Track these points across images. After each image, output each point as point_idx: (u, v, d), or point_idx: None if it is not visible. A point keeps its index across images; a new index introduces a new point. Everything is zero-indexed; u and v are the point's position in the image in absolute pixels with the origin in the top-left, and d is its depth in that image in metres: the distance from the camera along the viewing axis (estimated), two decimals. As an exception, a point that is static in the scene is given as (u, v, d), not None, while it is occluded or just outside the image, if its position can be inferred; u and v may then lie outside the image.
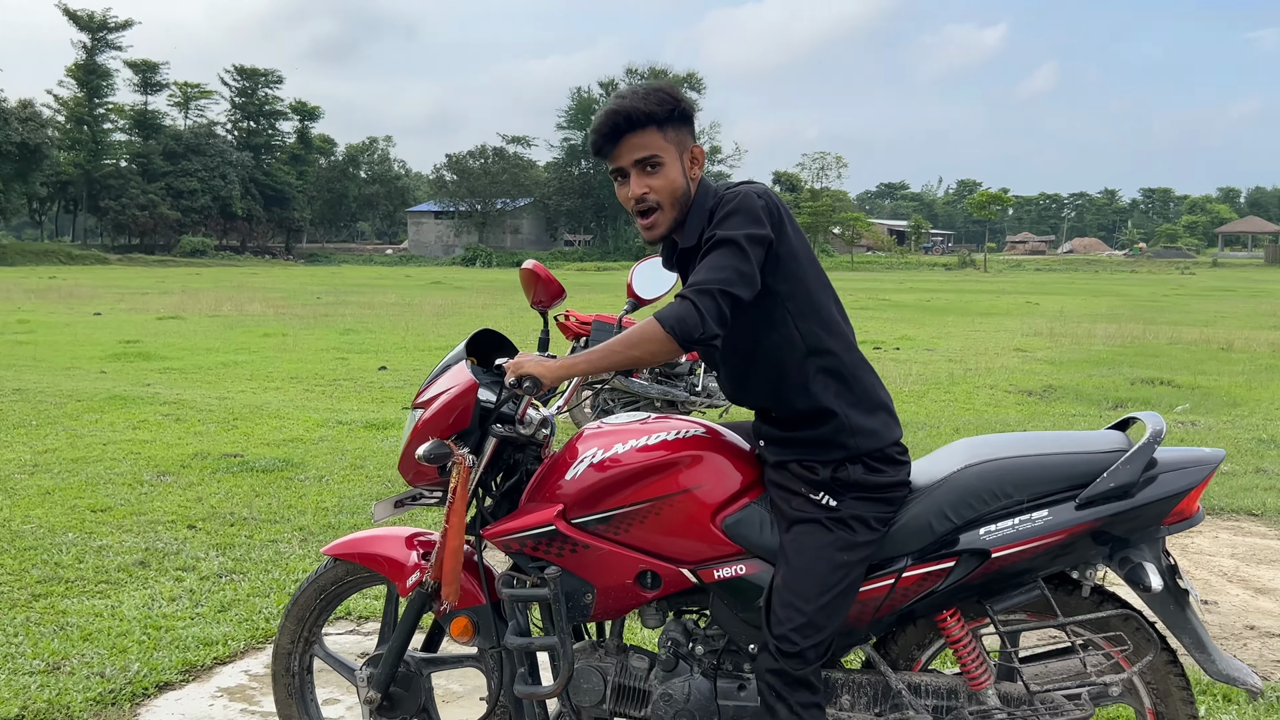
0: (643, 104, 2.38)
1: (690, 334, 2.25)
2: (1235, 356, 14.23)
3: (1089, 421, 8.93)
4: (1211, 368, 12.94)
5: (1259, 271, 63.84)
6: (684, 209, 2.47)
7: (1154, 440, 2.33)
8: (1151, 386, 11.27)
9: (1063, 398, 10.47)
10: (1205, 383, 11.51)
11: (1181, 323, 20.77)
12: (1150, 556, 2.35)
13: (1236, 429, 8.61)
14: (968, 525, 2.36)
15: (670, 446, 2.50)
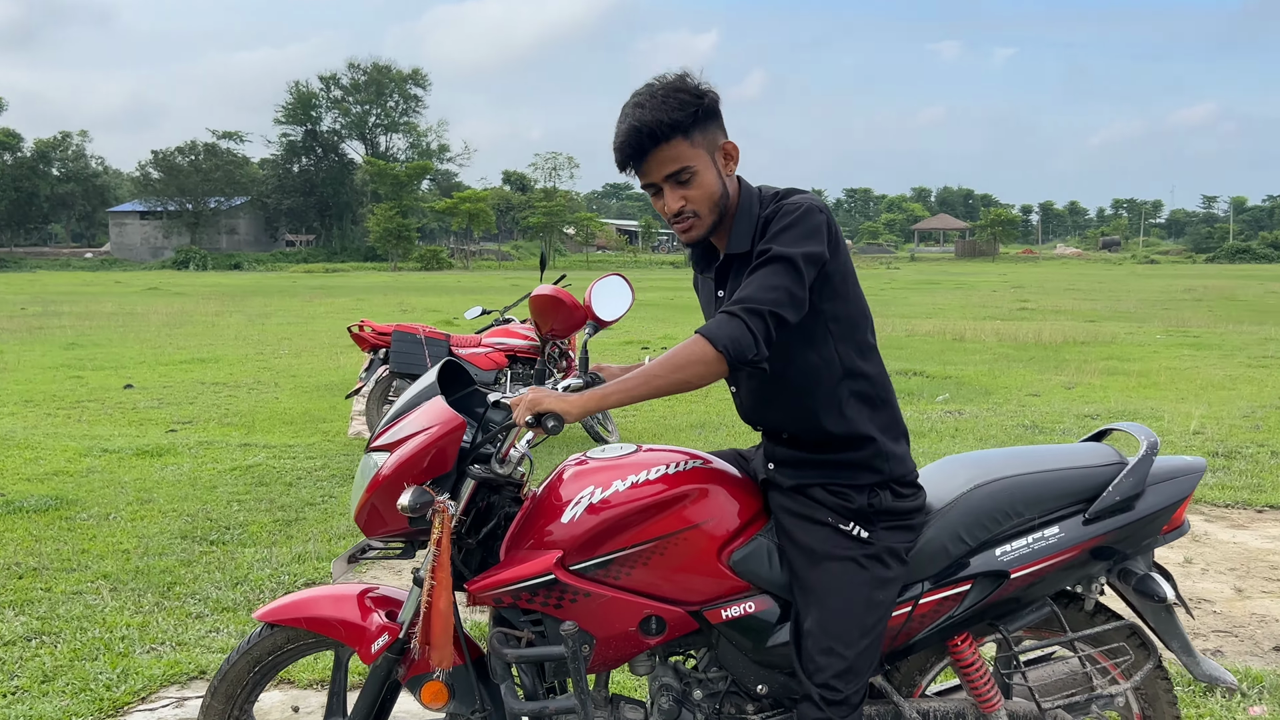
0: (664, 113, 2.22)
1: (744, 356, 2.12)
2: (969, 346, 15.37)
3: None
4: (954, 358, 13.91)
5: (953, 265, 69.56)
6: (722, 211, 2.34)
7: (1152, 452, 2.40)
8: (908, 378, 11.96)
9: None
10: (955, 372, 12.35)
11: (910, 315, 22.24)
12: (1149, 567, 2.42)
13: (1000, 416, 9.26)
14: (982, 547, 2.34)
15: (673, 480, 2.35)
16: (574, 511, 2.32)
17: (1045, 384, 11.42)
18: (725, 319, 2.14)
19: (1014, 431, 8.47)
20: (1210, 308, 24.51)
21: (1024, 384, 11.43)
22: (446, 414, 2.35)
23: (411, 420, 2.39)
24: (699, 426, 8.68)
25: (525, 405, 2.18)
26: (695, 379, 2.13)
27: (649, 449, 2.46)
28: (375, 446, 2.41)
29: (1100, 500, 2.35)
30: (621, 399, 2.15)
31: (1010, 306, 25.25)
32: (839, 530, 2.30)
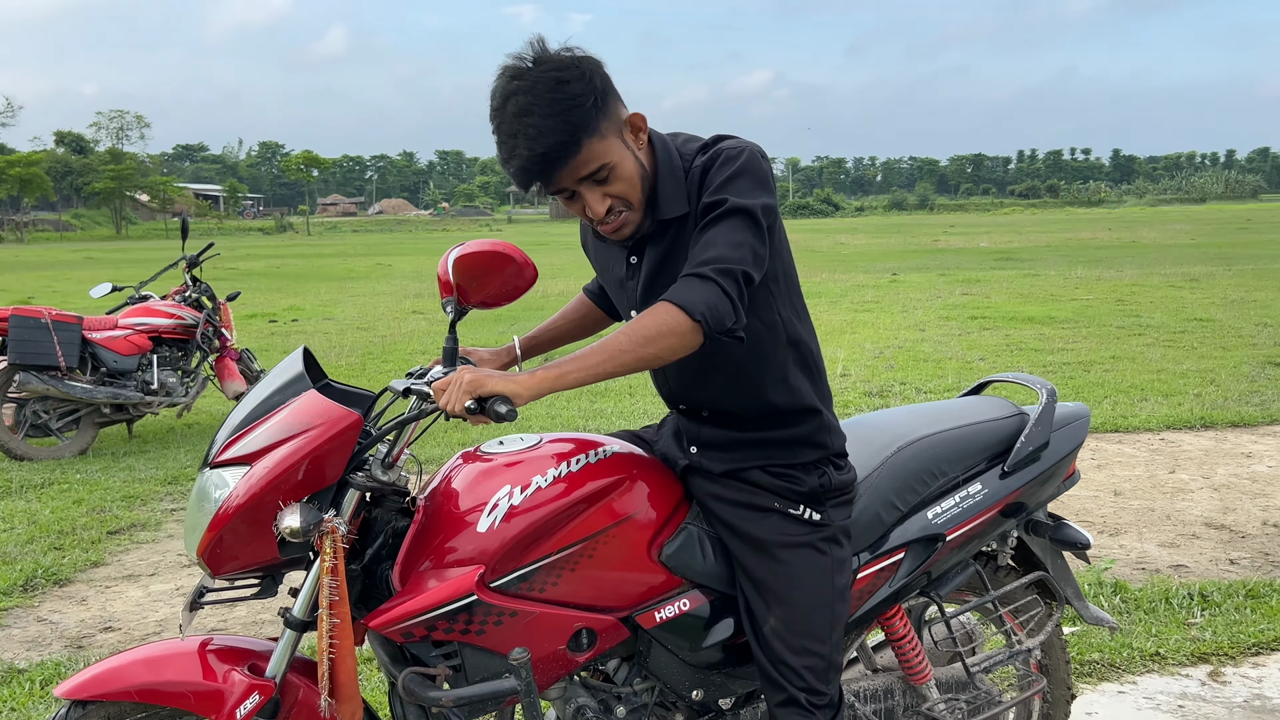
0: (561, 123, 1.84)
1: (723, 324, 1.82)
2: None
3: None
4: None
5: (549, 225, 71.28)
6: (648, 188, 1.99)
7: (1053, 400, 2.39)
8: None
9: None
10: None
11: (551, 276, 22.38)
12: (1049, 516, 2.42)
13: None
14: (912, 511, 2.23)
15: (596, 470, 2.03)
16: (492, 518, 1.95)
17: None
18: (696, 282, 1.83)
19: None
20: (800, 260, 26.69)
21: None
22: (333, 410, 1.89)
23: (276, 423, 1.91)
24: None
25: (460, 388, 1.77)
26: (668, 352, 1.82)
27: (554, 438, 2.12)
28: (221, 461, 1.91)
29: (1015, 452, 2.31)
30: (582, 377, 1.80)
31: (623, 264, 26.14)
32: (789, 516, 2.08)
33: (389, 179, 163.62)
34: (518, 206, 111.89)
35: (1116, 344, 10.37)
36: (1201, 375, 8.56)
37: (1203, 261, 21.20)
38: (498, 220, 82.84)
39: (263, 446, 1.89)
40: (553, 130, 1.84)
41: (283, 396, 1.98)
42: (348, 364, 10.27)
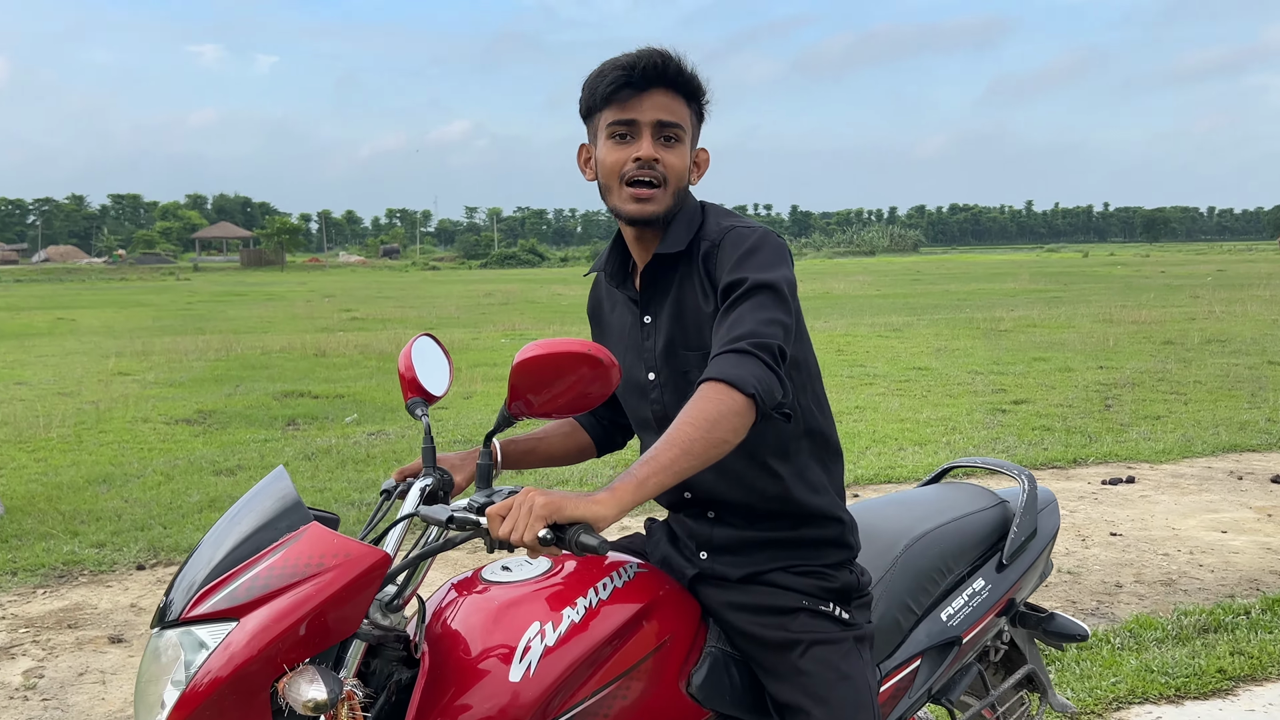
0: (686, 65, 1.92)
1: (774, 396, 1.69)
2: (336, 361, 14.88)
3: (275, 445, 8.58)
4: (329, 375, 13.35)
5: (243, 274, 67.72)
6: (678, 204, 1.95)
7: (1034, 486, 2.31)
8: (300, 400, 11.23)
9: (229, 423, 9.84)
10: (345, 390, 11.85)
11: (241, 330, 21.05)
12: (1031, 608, 2.33)
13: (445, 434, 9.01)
14: (925, 613, 2.07)
15: (627, 594, 1.78)
16: (525, 664, 1.64)
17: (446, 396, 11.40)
18: (736, 358, 1.69)
19: (457, 447, 8.29)
20: (519, 310, 26.66)
21: (420, 397, 11.29)
22: (353, 547, 1.54)
23: (274, 566, 1.52)
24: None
25: (530, 514, 1.49)
26: (733, 434, 1.65)
27: (563, 558, 1.83)
28: (195, 616, 1.50)
29: (1010, 543, 2.22)
30: (663, 479, 1.58)
31: (339, 317, 25.09)
32: (819, 613, 1.90)
33: (55, 224, 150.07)
34: (204, 254, 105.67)
35: (854, 394, 10.88)
36: (943, 423, 9.10)
37: (895, 311, 22.89)
38: (182, 268, 77.72)
39: (258, 596, 1.50)
40: (679, 63, 1.91)
41: (275, 531, 1.59)
42: (59, 436, 9.12)
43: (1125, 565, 5.24)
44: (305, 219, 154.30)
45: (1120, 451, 7.78)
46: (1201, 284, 31.15)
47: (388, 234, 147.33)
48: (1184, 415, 9.21)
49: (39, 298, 38.89)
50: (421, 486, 1.92)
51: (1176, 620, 4.39)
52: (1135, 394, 10.46)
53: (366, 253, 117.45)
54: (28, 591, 5.09)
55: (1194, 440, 8.10)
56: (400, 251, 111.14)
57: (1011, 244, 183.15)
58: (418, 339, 2.13)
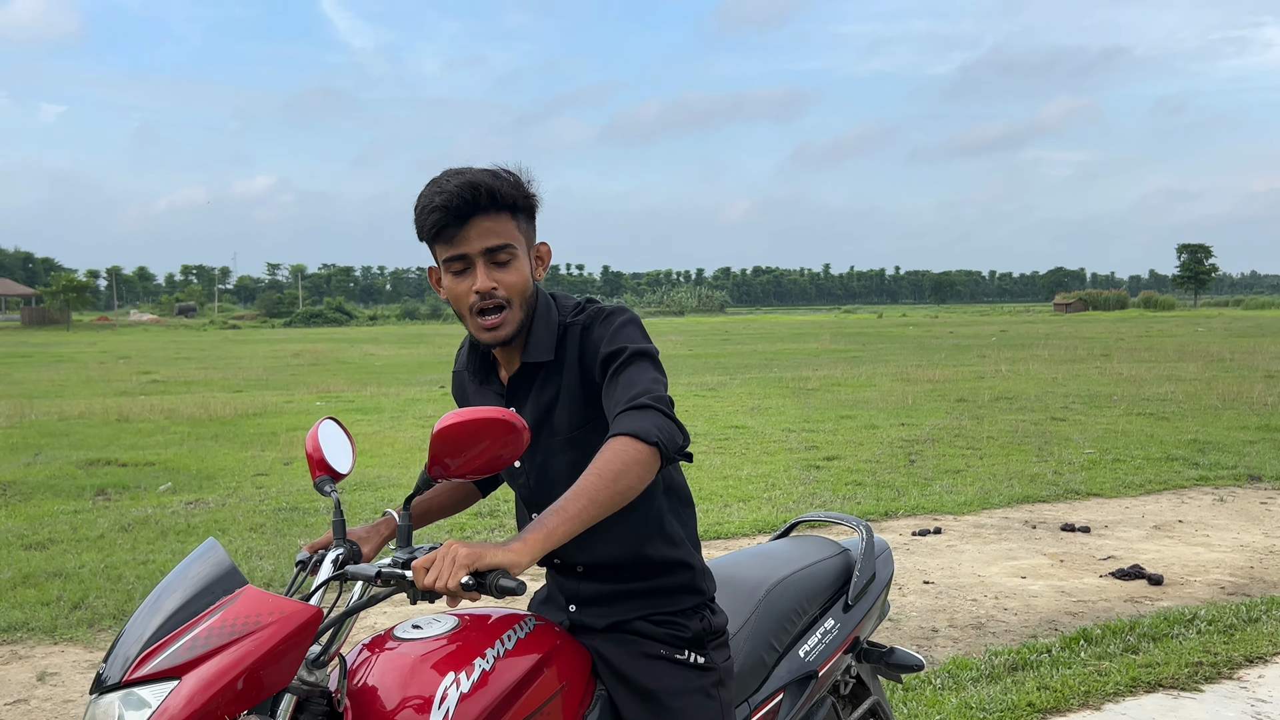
0: (498, 183, 2.00)
1: (675, 442, 1.89)
2: (142, 427, 14.27)
3: (87, 516, 8.22)
4: (136, 441, 12.80)
5: (25, 334, 63.69)
6: (530, 312, 2.07)
7: (872, 536, 2.57)
8: (107, 468, 10.74)
9: (32, 493, 9.32)
10: (154, 457, 11.39)
11: (34, 394, 19.87)
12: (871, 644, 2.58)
13: (250, 501, 8.81)
14: (785, 650, 2.29)
15: (529, 644, 1.95)
16: (444, 710, 1.76)
17: (260, 462, 11.12)
18: (639, 413, 1.89)
19: (281, 515, 8.15)
20: (330, 371, 26.11)
21: (238, 464, 10.98)
22: (287, 605, 1.64)
23: (212, 626, 1.60)
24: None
25: (454, 564, 1.65)
26: (638, 482, 1.83)
27: (472, 614, 1.97)
28: (136, 678, 1.56)
29: (854, 586, 2.48)
30: (570, 528, 1.76)
31: (138, 380, 24.01)
32: (675, 661, 2.09)
33: None
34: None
35: (677, 453, 11.22)
36: (763, 479, 9.53)
37: (709, 371, 23.62)
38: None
39: (199, 654, 1.58)
40: (491, 180, 1.99)
41: (212, 596, 1.67)
42: None
43: (939, 611, 5.67)
44: (94, 275, 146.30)
45: (926, 504, 8.34)
46: (987, 344, 33.37)
47: (183, 291, 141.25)
48: (980, 469, 9.93)
49: None
50: (334, 557, 2.03)
51: (988, 660, 4.79)
52: (936, 449, 11.19)
53: (160, 311, 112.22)
54: None
55: (991, 493, 8.76)
56: (197, 310, 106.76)
57: (811, 305, 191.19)
58: (322, 422, 2.24)
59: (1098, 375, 20.07)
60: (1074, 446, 11.21)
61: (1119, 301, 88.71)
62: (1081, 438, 11.82)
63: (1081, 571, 6.43)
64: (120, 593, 6.01)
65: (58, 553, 7.03)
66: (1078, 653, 4.85)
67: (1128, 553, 6.82)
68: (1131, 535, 7.34)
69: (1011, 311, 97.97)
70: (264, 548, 7.09)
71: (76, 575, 6.40)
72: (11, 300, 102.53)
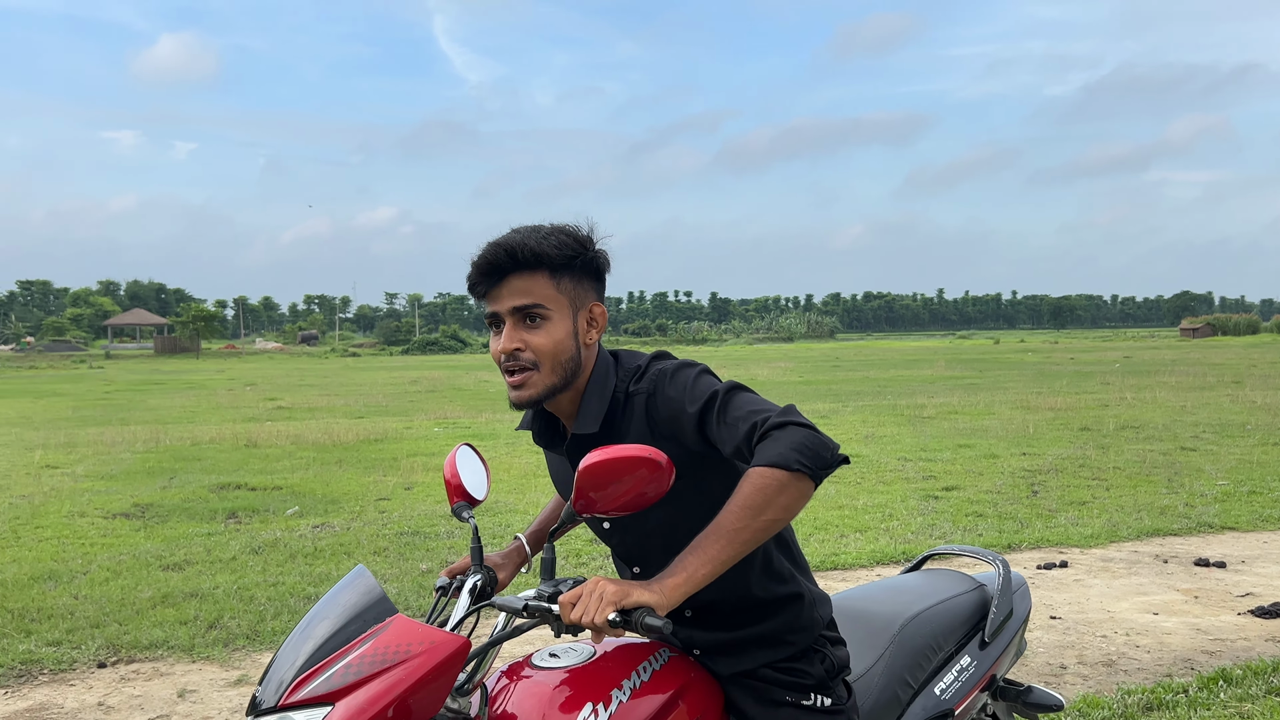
0: (534, 242, 1.99)
1: (824, 460, 1.82)
2: (269, 452, 14.77)
3: (220, 539, 8.53)
4: (265, 466, 13.25)
5: (158, 362, 66.43)
6: (567, 377, 2.03)
7: (1009, 571, 2.54)
8: (237, 492, 11.14)
9: (168, 516, 9.74)
10: (281, 482, 11.77)
11: (166, 421, 20.73)
12: (1008, 682, 2.54)
13: (373, 525, 9.04)
14: (921, 688, 2.27)
15: (665, 677, 1.96)
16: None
17: (383, 486, 11.41)
18: (767, 442, 1.82)
19: (404, 540, 8.34)
20: (447, 398, 26.64)
21: (361, 489, 11.28)
22: (436, 635, 1.70)
23: (363, 655, 1.66)
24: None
25: (601, 600, 1.67)
26: (784, 512, 1.80)
27: (611, 645, 2.01)
28: (293, 702, 1.63)
29: (990, 622, 2.43)
30: (711, 570, 1.76)
31: (265, 406, 24.83)
32: (802, 707, 2.07)
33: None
34: (117, 341, 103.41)
35: (791, 481, 11.14)
36: (879, 510, 9.39)
37: (820, 398, 23.40)
38: (94, 356, 76.00)
39: (351, 682, 1.64)
40: (529, 241, 1.97)
41: (362, 623, 1.74)
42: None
43: (1067, 647, 5.50)
44: (221, 305, 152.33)
45: (1051, 537, 8.12)
46: (1110, 370, 32.36)
47: (305, 320, 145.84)
48: (1107, 501, 9.62)
49: (-54, 386, 37.73)
50: (472, 583, 2.08)
51: (1121, 699, 4.64)
52: (1059, 480, 10.89)
53: (284, 339, 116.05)
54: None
55: (1119, 525, 8.49)
56: (319, 338, 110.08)
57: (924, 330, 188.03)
58: (459, 448, 2.30)
59: (1229, 403, 19.29)
60: (1206, 478, 10.79)
61: (1250, 326, 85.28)
62: (1214, 469, 11.37)
63: (1218, 609, 6.18)
64: (253, 613, 6.22)
65: (193, 574, 7.31)
66: (1216, 694, 4.66)
67: (1268, 589, 6.53)
68: (1272, 571, 7.03)
69: (1135, 337, 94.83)
70: (388, 571, 7.27)
71: (211, 596, 6.64)
72: (145, 329, 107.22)
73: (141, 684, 5.13)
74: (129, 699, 4.93)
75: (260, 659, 5.48)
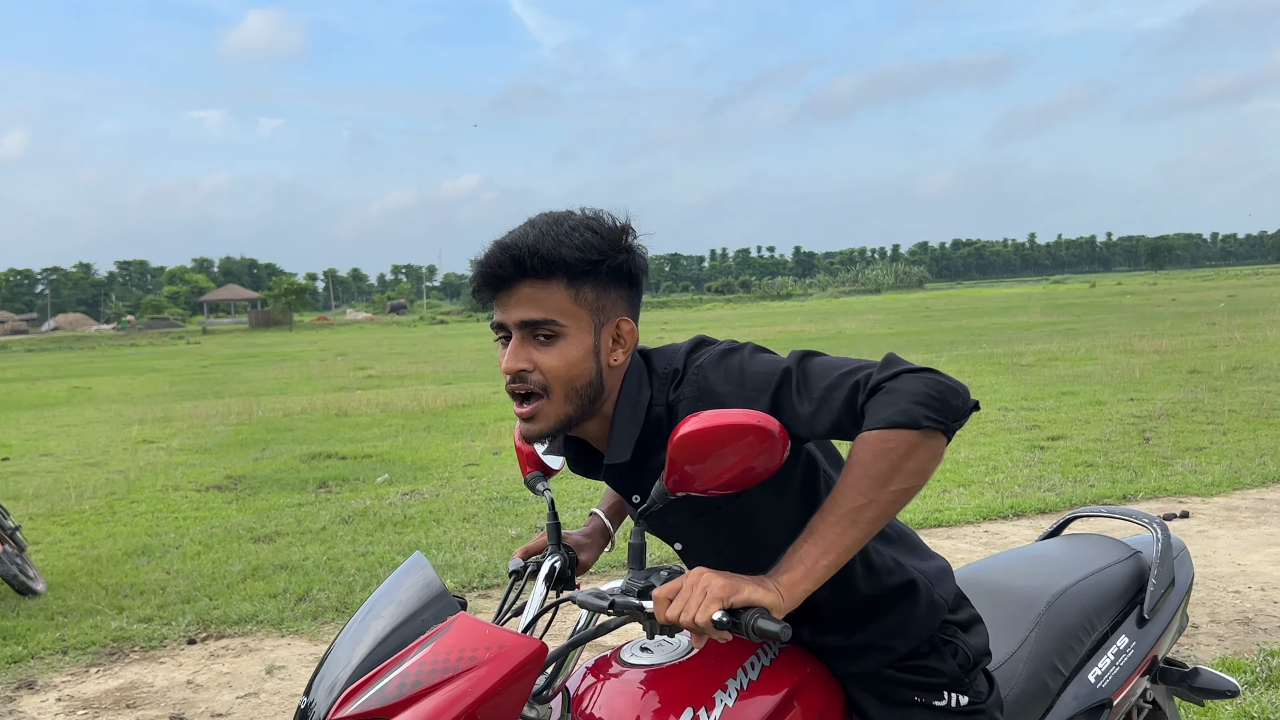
0: (552, 243, 1.63)
1: (955, 409, 1.52)
2: (359, 421, 14.83)
3: (310, 509, 8.49)
4: (354, 435, 13.28)
5: (252, 335, 68.06)
6: (584, 405, 1.70)
7: (1168, 535, 2.23)
8: (328, 461, 11.16)
9: (260, 487, 9.76)
10: (371, 450, 11.77)
11: (260, 393, 21.03)
12: (1169, 663, 2.24)
13: (462, 491, 8.92)
14: (1073, 674, 1.98)
15: (776, 673, 1.69)
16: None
17: (471, 452, 11.33)
18: (885, 393, 1.52)
19: (492, 505, 8.21)
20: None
21: (450, 455, 11.21)
22: (508, 638, 1.45)
23: (424, 661, 1.43)
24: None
25: (705, 595, 1.41)
26: (914, 478, 1.51)
27: (708, 642, 1.75)
28: (345, 717, 1.41)
29: (1150, 596, 2.12)
30: (835, 559, 1.48)
31: (355, 375, 25.09)
32: (934, 709, 1.79)
33: (64, 292, 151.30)
34: (212, 317, 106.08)
35: (886, 435, 10.77)
36: (983, 462, 8.99)
37: (912, 349, 22.78)
38: (191, 332, 78.06)
39: (409, 694, 1.41)
40: (543, 244, 1.63)
41: (421, 623, 1.51)
42: (92, 508, 9.05)
43: (1197, 604, 5.12)
44: (311, 278, 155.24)
45: (1168, 486, 7.66)
46: (1215, 310, 31.06)
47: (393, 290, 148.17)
48: (1226, 446, 9.09)
49: (52, 366, 39.03)
50: (550, 567, 1.84)
51: (1263, 661, 4.27)
52: (1172, 425, 10.34)
53: (373, 309, 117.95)
54: (80, 670, 4.99)
55: (1241, 472, 7.98)
56: (407, 307, 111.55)
57: (1016, 276, 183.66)
58: None
59: (1350, 340, 18.30)
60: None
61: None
62: (1340, 409, 10.70)
63: (1361, 560, 5.72)
64: (342, 585, 6.12)
65: (283, 545, 7.27)
66: (1369, 658, 4.26)
67: None
68: None
69: (1239, 275, 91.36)
70: (477, 538, 7.14)
71: (301, 568, 6.57)
72: (239, 304, 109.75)
73: (230, 660, 5.05)
74: (218, 676, 4.84)
75: (349, 632, 5.36)
